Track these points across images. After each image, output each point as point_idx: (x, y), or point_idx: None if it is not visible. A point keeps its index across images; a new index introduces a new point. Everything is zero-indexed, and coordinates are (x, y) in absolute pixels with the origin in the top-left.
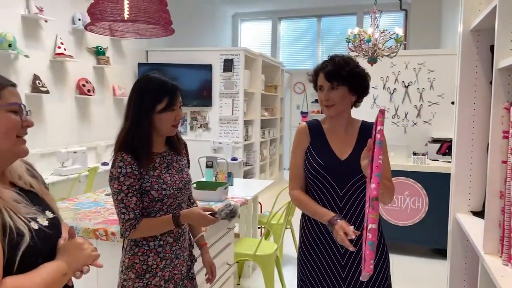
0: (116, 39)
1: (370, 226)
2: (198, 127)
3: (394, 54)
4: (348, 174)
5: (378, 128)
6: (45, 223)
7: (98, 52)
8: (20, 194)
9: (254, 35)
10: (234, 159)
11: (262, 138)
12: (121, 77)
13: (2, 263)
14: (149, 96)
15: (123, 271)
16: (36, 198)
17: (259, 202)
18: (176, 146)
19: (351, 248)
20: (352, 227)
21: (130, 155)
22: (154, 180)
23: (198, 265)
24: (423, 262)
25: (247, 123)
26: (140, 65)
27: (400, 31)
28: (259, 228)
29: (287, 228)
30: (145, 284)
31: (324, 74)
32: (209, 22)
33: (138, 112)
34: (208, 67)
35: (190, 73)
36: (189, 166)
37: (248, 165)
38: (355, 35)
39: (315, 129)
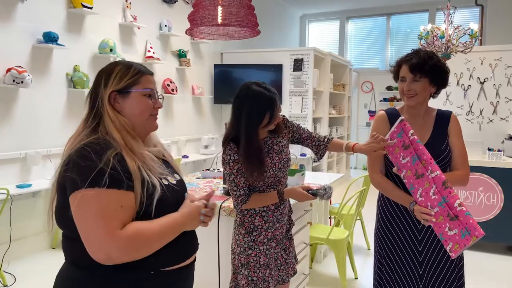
0: (196, 43)
1: (457, 201)
2: None
3: (468, 50)
4: None
5: (411, 131)
6: (174, 181)
7: (180, 55)
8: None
9: (321, 35)
10: (303, 154)
11: (329, 135)
12: (199, 77)
13: (135, 210)
14: (253, 112)
15: (235, 227)
16: (167, 164)
17: None
18: (277, 130)
19: (434, 219)
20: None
21: (236, 145)
22: None
23: (295, 228)
24: (497, 259)
25: (315, 121)
26: (215, 66)
27: (475, 26)
28: (329, 218)
29: (357, 220)
30: (252, 240)
31: (409, 66)
32: (277, 24)
33: (244, 124)
34: (279, 67)
35: (261, 73)
36: (288, 140)
37: (316, 162)
38: (428, 31)
39: (394, 118)
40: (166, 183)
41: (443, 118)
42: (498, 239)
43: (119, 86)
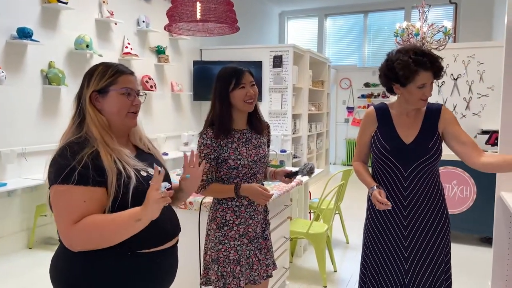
0: (174, 39)
1: None
2: None
3: (442, 47)
4: (412, 157)
5: None
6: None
7: (159, 51)
8: (138, 153)
9: (300, 32)
10: (283, 151)
11: (309, 132)
12: (179, 74)
13: (106, 202)
14: (222, 80)
15: (208, 223)
16: (151, 157)
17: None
18: (258, 126)
19: (389, 207)
20: (385, 194)
21: (212, 131)
22: (232, 151)
23: (275, 223)
24: (470, 250)
25: (295, 117)
26: (195, 62)
27: (448, 24)
28: (309, 212)
29: (336, 214)
30: (223, 235)
31: (434, 73)
32: (257, 20)
33: (216, 94)
34: (258, 64)
35: None
36: (269, 145)
37: (296, 158)
38: (403, 29)
39: (382, 114)
40: (145, 174)
41: (433, 112)
42: (471, 231)
43: (98, 86)
